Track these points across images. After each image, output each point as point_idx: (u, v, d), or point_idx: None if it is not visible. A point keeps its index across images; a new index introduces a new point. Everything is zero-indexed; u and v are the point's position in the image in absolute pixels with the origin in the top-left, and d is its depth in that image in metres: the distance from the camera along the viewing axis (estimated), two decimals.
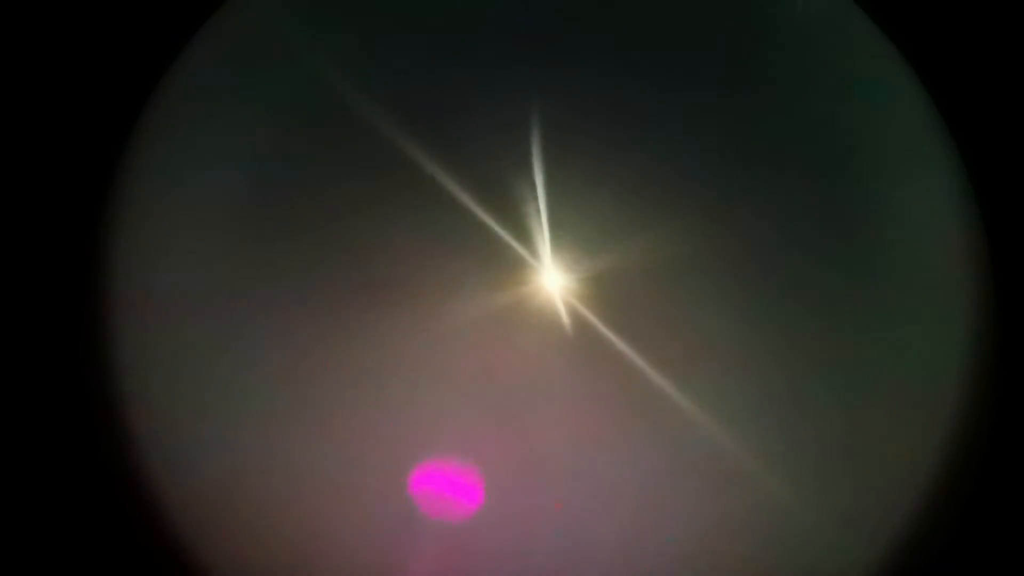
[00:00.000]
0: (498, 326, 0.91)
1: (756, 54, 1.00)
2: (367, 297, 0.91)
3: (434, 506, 0.89)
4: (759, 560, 0.91)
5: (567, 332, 0.91)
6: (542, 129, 0.94)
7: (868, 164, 0.99)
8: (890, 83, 1.01)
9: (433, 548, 0.88)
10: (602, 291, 0.92)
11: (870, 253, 0.96)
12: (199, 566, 0.90)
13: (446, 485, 0.89)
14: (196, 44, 0.97)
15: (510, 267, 0.93)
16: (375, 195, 0.93)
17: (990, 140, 1.01)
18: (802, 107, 0.99)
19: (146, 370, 0.92)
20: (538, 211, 0.93)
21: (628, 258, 0.93)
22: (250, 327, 0.92)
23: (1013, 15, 1.02)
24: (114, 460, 0.92)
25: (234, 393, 0.91)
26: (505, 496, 0.88)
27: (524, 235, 0.93)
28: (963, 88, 1.02)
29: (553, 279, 0.93)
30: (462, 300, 0.91)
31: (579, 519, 0.88)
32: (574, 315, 0.92)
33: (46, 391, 0.98)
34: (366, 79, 0.96)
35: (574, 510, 0.89)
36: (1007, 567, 1.00)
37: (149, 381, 0.92)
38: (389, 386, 0.90)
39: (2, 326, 0.99)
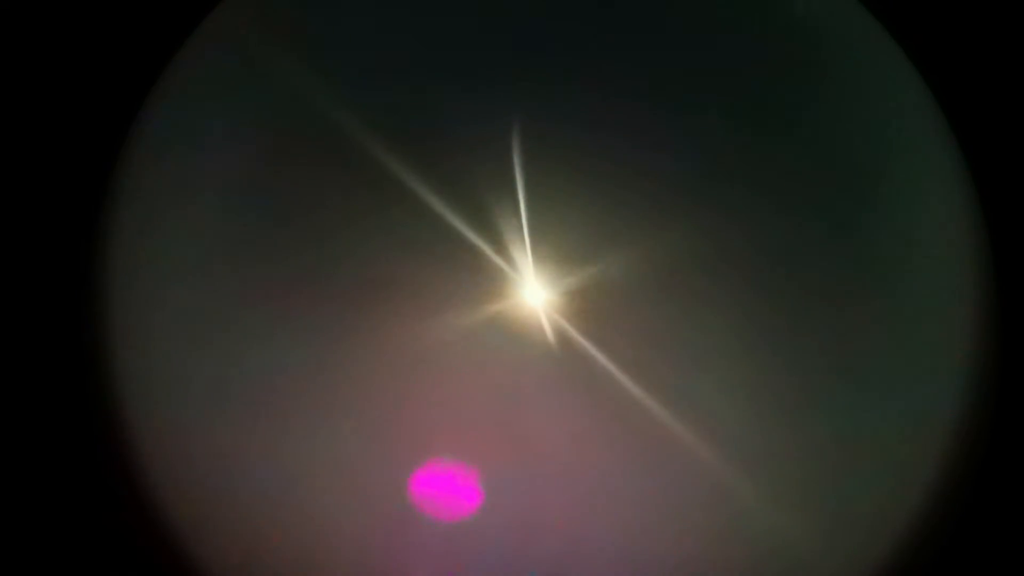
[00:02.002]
0: (481, 339, 0.92)
1: (751, 58, 0.99)
2: (354, 308, 0.92)
3: (422, 511, 0.90)
4: (757, 562, 0.91)
5: (549, 345, 0.92)
6: (523, 144, 0.94)
7: (868, 167, 0.98)
8: (892, 84, 1.01)
9: (416, 551, 0.89)
10: (584, 304, 0.93)
11: (870, 256, 0.96)
12: (198, 566, 0.91)
13: (434, 492, 0.90)
14: (187, 53, 0.98)
15: (492, 281, 0.93)
16: (358, 212, 0.94)
17: (994, 141, 1.01)
18: (797, 112, 0.98)
19: (143, 372, 0.93)
20: (520, 226, 0.93)
21: (610, 271, 0.93)
22: (243, 332, 0.93)
23: (1018, 17, 1.02)
24: (113, 461, 0.93)
25: (232, 395, 0.92)
26: (488, 507, 0.89)
27: (506, 250, 0.94)
28: (967, 89, 1.01)
29: (535, 293, 0.93)
30: (445, 314, 0.92)
31: (564, 530, 0.89)
32: (556, 329, 0.92)
33: (45, 393, 0.98)
34: (348, 95, 0.96)
35: (560, 521, 0.89)
36: (1007, 567, 0.99)
37: (147, 383, 0.93)
38: (377, 395, 0.91)
39: (1, 328, 0.99)
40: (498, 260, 0.93)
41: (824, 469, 0.93)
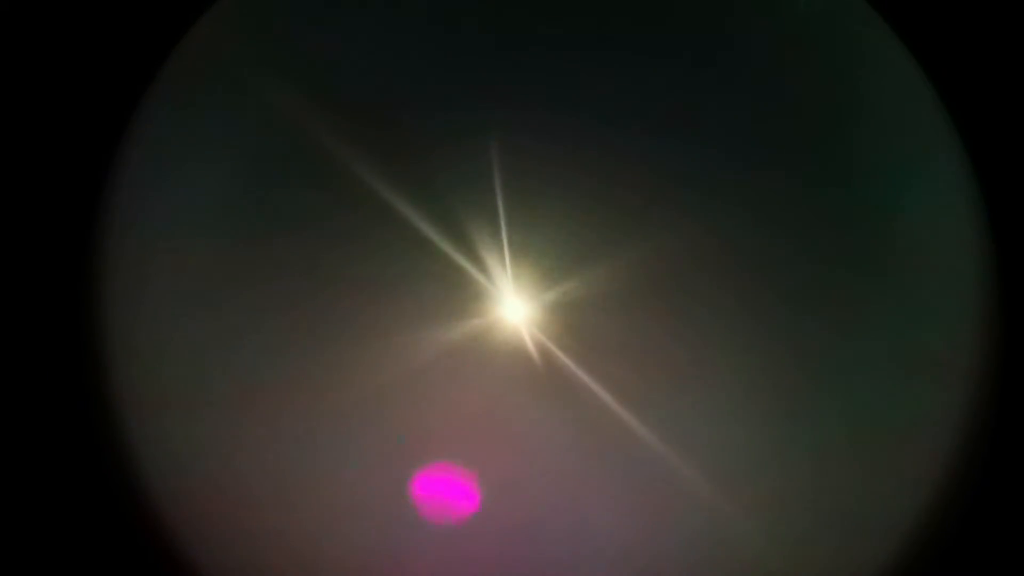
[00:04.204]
0: (461, 355, 0.92)
1: (744, 59, 0.98)
2: (339, 322, 0.93)
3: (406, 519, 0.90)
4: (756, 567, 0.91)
5: (529, 360, 0.92)
6: (503, 161, 0.94)
7: (870, 166, 0.97)
8: (896, 83, 0.99)
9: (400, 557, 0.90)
10: (563, 319, 0.93)
11: (869, 258, 0.95)
12: (196, 568, 0.91)
13: (418, 501, 0.90)
14: (175, 62, 0.98)
15: (472, 297, 0.94)
16: (340, 228, 0.95)
17: (997, 138, 1.00)
18: (793, 113, 0.97)
19: (140, 372, 0.93)
20: (500, 242, 0.93)
21: (590, 286, 0.93)
22: (236, 336, 0.95)
23: (1020, 14, 1.01)
24: (109, 461, 0.94)
25: (227, 396, 0.92)
26: (466, 520, 0.89)
27: (486, 265, 0.94)
28: (970, 85, 1.00)
29: (515, 308, 0.93)
30: (426, 330, 0.92)
31: (545, 547, 0.89)
32: (536, 343, 0.93)
33: (42, 392, 0.99)
34: (329, 112, 0.96)
35: (539, 537, 0.90)
36: (1010, 569, 0.99)
37: (143, 383, 0.94)
38: (362, 408, 0.92)
39: None
40: (478, 275, 0.94)
41: (823, 473, 0.93)
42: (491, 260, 0.93)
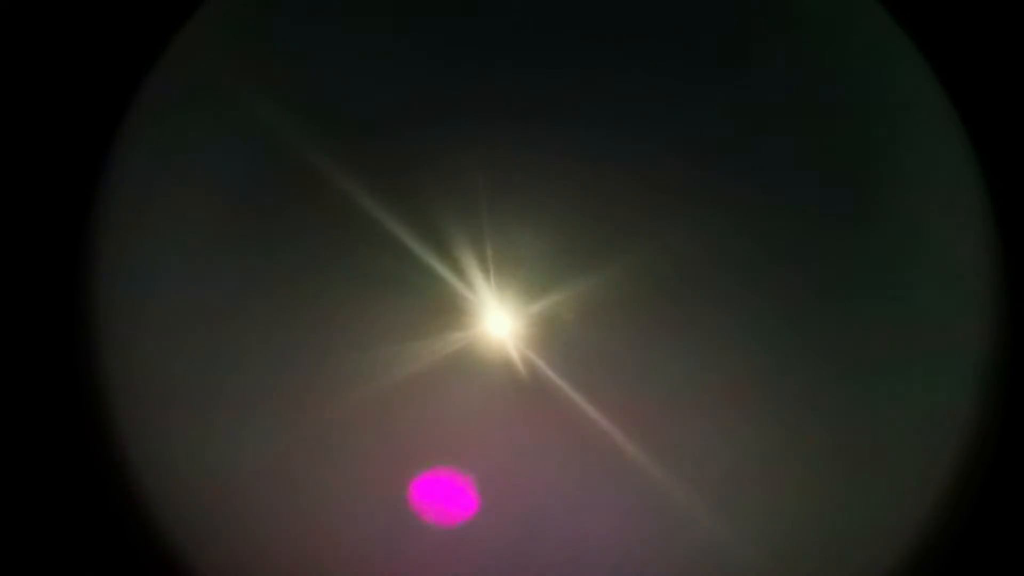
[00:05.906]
0: (446, 369, 0.92)
1: (744, 58, 0.96)
2: (325, 334, 0.93)
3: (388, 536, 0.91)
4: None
5: (513, 374, 0.92)
6: (488, 172, 0.93)
7: (873, 170, 0.96)
8: (902, 78, 0.97)
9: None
10: (550, 332, 0.92)
11: (871, 258, 0.94)
12: (190, 569, 0.92)
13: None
14: (157, 76, 0.98)
15: (456, 311, 0.93)
16: (323, 242, 0.94)
17: (1006, 137, 0.98)
18: (791, 114, 0.96)
19: (134, 374, 0.94)
20: (485, 254, 0.92)
21: (577, 298, 0.92)
22: (227, 339, 0.95)
23: None
24: (103, 463, 0.95)
25: (217, 400, 0.93)
26: (449, 538, 0.89)
27: (470, 279, 0.93)
28: (980, 85, 0.98)
29: (500, 321, 0.93)
30: (410, 344, 0.92)
31: (533, 564, 0.89)
32: (521, 357, 0.92)
33: (35, 394, 0.99)
34: (313, 126, 0.95)
35: (528, 555, 0.90)
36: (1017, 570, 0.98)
37: (137, 384, 0.95)
38: (346, 422, 0.92)
39: None
40: (462, 288, 0.93)
41: (822, 479, 0.92)
42: (475, 272, 0.93)
